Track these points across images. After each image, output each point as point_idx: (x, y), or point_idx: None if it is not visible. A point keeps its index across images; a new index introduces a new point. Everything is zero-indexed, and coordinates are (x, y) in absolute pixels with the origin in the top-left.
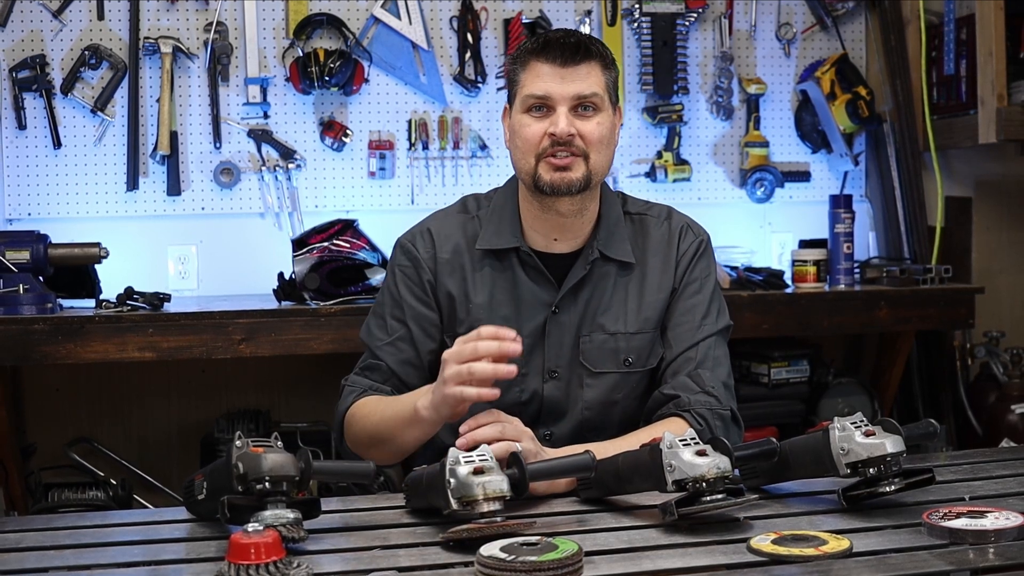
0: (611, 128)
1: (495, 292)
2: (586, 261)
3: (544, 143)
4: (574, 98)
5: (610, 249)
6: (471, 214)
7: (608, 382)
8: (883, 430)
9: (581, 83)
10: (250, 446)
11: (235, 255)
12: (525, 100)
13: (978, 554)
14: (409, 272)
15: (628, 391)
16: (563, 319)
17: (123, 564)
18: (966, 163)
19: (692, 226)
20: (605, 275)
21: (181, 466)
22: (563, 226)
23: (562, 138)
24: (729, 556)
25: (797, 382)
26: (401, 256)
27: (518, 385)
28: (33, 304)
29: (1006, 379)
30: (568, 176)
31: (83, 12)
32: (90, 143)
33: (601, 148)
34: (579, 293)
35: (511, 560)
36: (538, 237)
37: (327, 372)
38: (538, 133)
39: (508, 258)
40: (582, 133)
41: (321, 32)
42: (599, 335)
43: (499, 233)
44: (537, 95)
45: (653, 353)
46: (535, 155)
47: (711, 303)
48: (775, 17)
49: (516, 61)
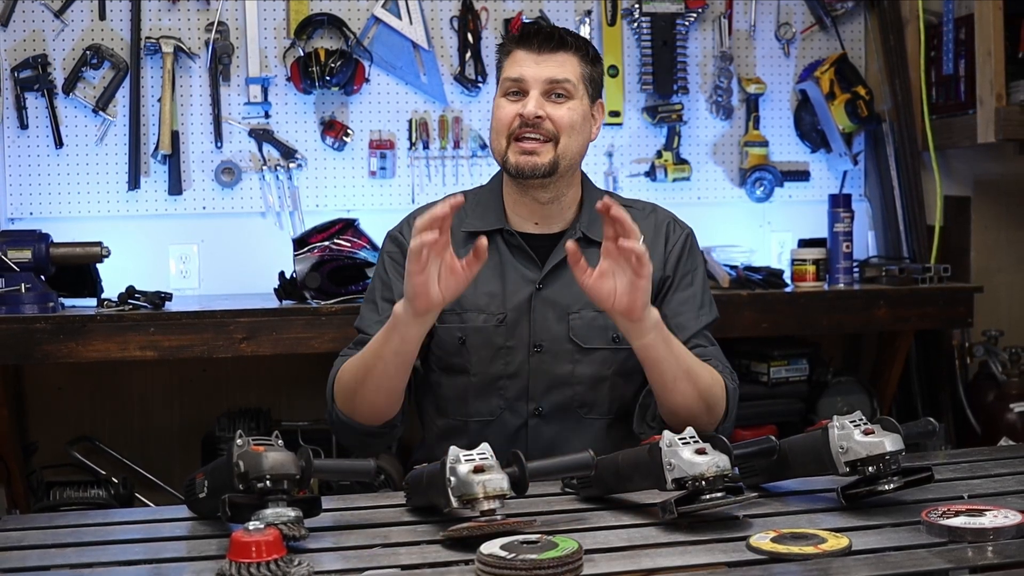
0: (583, 116)
1: (481, 271)
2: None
3: (515, 124)
4: (546, 82)
5: (593, 232)
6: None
7: (598, 358)
8: (882, 429)
9: (555, 69)
10: (251, 445)
11: (236, 254)
12: (503, 84)
13: (977, 552)
14: (396, 257)
15: (617, 367)
16: (548, 295)
17: (124, 562)
18: (965, 163)
19: (677, 221)
20: (589, 256)
21: (182, 465)
22: (541, 211)
23: (529, 119)
24: (728, 554)
25: (796, 381)
26: (390, 244)
27: (503, 358)
28: (35, 303)
29: (1004, 378)
30: (534, 160)
31: (85, 12)
32: (92, 143)
33: (572, 134)
34: (563, 272)
35: (511, 558)
36: (520, 220)
37: (328, 371)
38: (510, 114)
39: (493, 239)
40: (552, 117)
41: (322, 32)
42: (589, 312)
43: (483, 217)
44: (512, 78)
45: None
46: (506, 136)
47: (703, 294)
48: (774, 17)
49: (500, 50)
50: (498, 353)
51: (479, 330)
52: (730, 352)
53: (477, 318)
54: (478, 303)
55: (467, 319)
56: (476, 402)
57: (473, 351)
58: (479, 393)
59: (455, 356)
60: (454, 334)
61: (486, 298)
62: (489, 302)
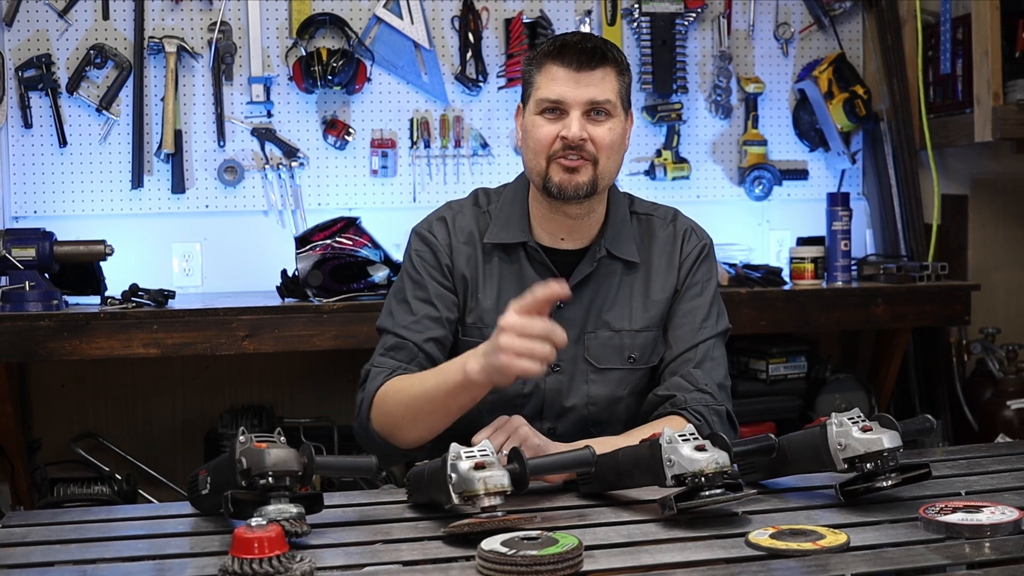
0: (622, 134)
1: (502, 285)
2: (593, 259)
3: (556, 145)
4: (587, 103)
5: (617, 248)
6: (482, 208)
7: (613, 379)
8: (880, 425)
9: (595, 88)
10: (253, 441)
11: (239, 252)
12: (539, 103)
13: (974, 548)
14: (427, 256)
15: (632, 387)
16: (567, 314)
17: (128, 558)
18: (962, 161)
19: (696, 230)
20: (611, 273)
21: (185, 461)
22: (570, 227)
23: (574, 142)
24: (728, 550)
25: (795, 378)
26: (418, 243)
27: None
28: (39, 301)
29: (1001, 375)
30: (576, 179)
31: (88, 12)
32: (95, 141)
33: (611, 154)
34: (584, 290)
35: (512, 554)
36: (545, 235)
37: (330, 368)
38: (550, 135)
39: (516, 252)
40: (593, 138)
41: (324, 32)
42: (604, 332)
43: (508, 228)
44: (551, 99)
45: (656, 351)
46: (546, 156)
47: (711, 306)
48: (773, 17)
49: (532, 62)
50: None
51: None
52: (729, 349)
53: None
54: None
55: (487, 335)
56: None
57: None
58: (493, 411)
59: None
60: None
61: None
62: None
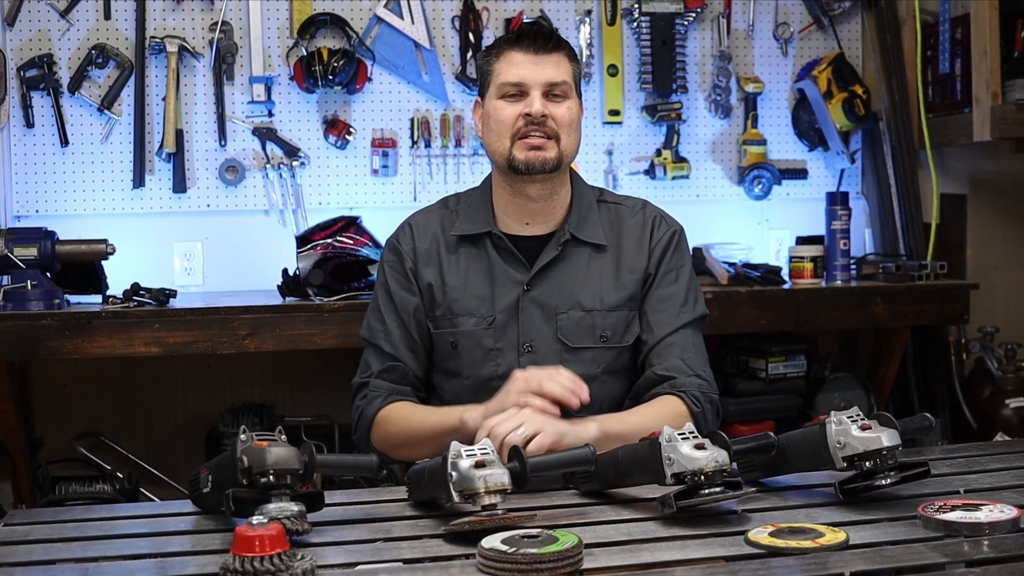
0: (578, 115)
1: (470, 275)
2: (558, 242)
3: (519, 124)
4: (546, 84)
5: (582, 232)
6: (450, 209)
7: (586, 357)
8: (879, 424)
9: (552, 70)
10: (255, 440)
11: (240, 251)
12: (500, 87)
13: (973, 546)
14: (395, 265)
15: (606, 366)
16: (536, 296)
17: (129, 556)
18: (961, 161)
19: (666, 218)
20: (578, 256)
21: (187, 460)
22: (534, 210)
23: (536, 118)
24: (727, 548)
25: (794, 377)
26: (388, 253)
27: (494, 359)
28: (41, 300)
29: (1000, 374)
30: (542, 155)
31: (90, 12)
32: (97, 141)
33: (571, 131)
34: (552, 272)
35: (512, 552)
36: (511, 222)
37: (331, 367)
38: (513, 115)
39: (482, 242)
40: (554, 116)
41: (325, 31)
42: (576, 312)
43: (472, 220)
44: (512, 82)
45: (629, 331)
46: (510, 136)
47: (688, 291)
48: (772, 17)
49: (489, 53)
50: (488, 355)
51: (469, 334)
52: (728, 348)
53: (467, 322)
54: (468, 307)
55: (458, 323)
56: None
57: (464, 354)
58: (473, 394)
59: (449, 360)
60: (447, 339)
61: (476, 301)
62: (479, 305)
